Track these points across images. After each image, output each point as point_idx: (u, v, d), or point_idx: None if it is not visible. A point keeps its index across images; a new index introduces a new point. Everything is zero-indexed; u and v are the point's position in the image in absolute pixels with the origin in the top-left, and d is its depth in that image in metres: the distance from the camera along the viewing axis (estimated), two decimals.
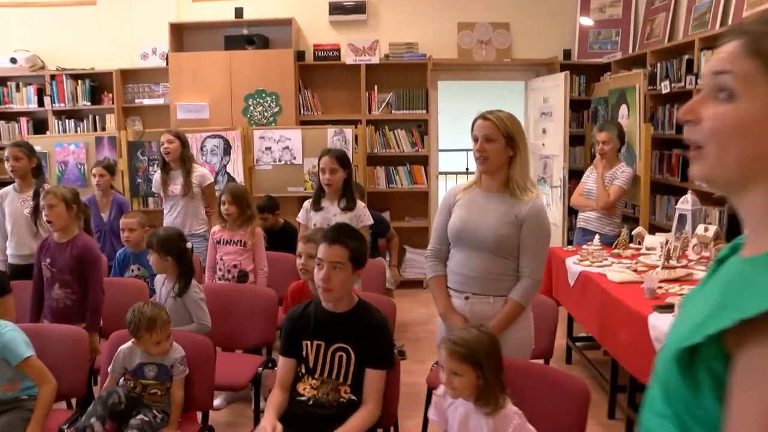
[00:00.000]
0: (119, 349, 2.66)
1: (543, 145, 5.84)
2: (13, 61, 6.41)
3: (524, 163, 2.49)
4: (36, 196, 3.98)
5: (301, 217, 3.84)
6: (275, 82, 5.93)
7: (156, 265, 3.19)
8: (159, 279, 3.32)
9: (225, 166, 5.75)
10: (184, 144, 4.59)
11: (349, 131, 5.71)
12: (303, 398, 2.40)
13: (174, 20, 6.19)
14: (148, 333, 2.57)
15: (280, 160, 5.74)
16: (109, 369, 2.66)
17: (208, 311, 3.18)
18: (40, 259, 3.31)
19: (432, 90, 6.13)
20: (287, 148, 5.73)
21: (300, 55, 6.15)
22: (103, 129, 6.36)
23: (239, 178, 5.72)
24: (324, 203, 3.71)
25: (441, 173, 6.73)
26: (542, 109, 5.88)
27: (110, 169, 4.84)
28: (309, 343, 2.42)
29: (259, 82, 5.94)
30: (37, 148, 5.90)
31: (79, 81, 6.36)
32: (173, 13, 6.31)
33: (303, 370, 2.44)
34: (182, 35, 6.36)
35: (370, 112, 6.11)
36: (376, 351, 2.38)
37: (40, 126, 6.52)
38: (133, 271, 4.02)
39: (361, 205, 3.76)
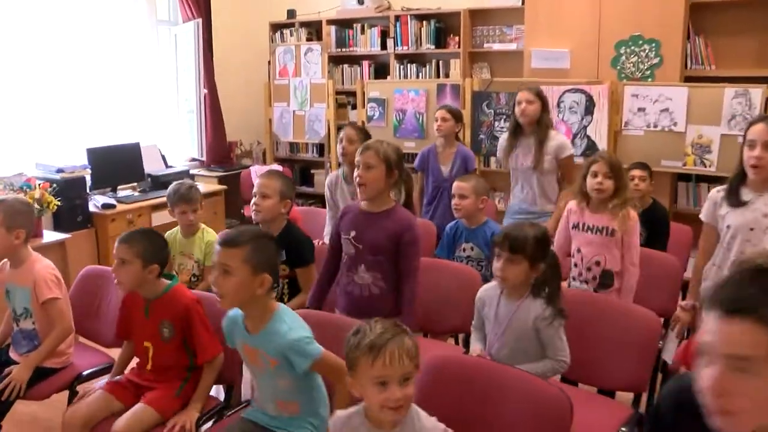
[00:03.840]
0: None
1: None
2: (360, 2, 6.38)
3: None
4: None
5: None
6: (656, 25, 4.94)
7: None
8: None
9: (585, 127, 5.01)
10: (545, 106, 3.88)
11: (756, 92, 4.50)
12: None
13: None
14: None
15: (655, 126, 4.81)
16: None
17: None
18: (341, 229, 2.76)
19: None
20: (667, 110, 4.76)
21: None
22: (447, 76, 6.03)
23: (602, 143, 4.94)
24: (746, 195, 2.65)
25: None
26: None
27: (456, 114, 4.31)
28: None
29: (635, 26, 5.01)
30: (376, 94, 5.88)
31: (424, 22, 6.09)
32: None
33: None
34: None
35: None
36: None
37: (381, 70, 6.45)
38: (464, 250, 3.44)
39: None
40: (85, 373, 2.77)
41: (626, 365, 2.49)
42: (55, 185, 4.29)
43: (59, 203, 4.21)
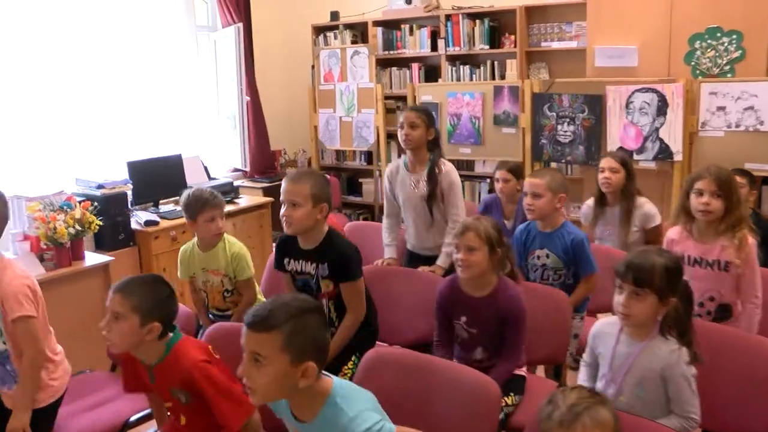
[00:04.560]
0: None
1: None
2: (408, 1, 6.08)
3: None
4: (431, 177, 3.38)
5: None
6: (738, 15, 4.53)
7: None
8: None
9: (657, 129, 4.61)
10: (629, 175, 3.57)
11: None
12: None
13: None
14: None
15: (737, 125, 4.40)
16: None
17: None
18: (448, 313, 2.66)
19: None
20: (751, 108, 4.35)
21: None
22: (502, 77, 5.69)
23: (676, 146, 4.54)
24: None
25: None
26: None
27: (517, 172, 4.01)
28: None
29: (712, 17, 4.62)
30: (428, 98, 5.55)
31: (477, 21, 5.75)
32: None
33: None
34: None
35: None
36: None
37: (432, 73, 6.14)
38: (538, 258, 3.08)
39: None
40: (132, 419, 2.50)
41: (760, 410, 2.13)
42: (96, 203, 4.06)
43: (101, 222, 3.98)
